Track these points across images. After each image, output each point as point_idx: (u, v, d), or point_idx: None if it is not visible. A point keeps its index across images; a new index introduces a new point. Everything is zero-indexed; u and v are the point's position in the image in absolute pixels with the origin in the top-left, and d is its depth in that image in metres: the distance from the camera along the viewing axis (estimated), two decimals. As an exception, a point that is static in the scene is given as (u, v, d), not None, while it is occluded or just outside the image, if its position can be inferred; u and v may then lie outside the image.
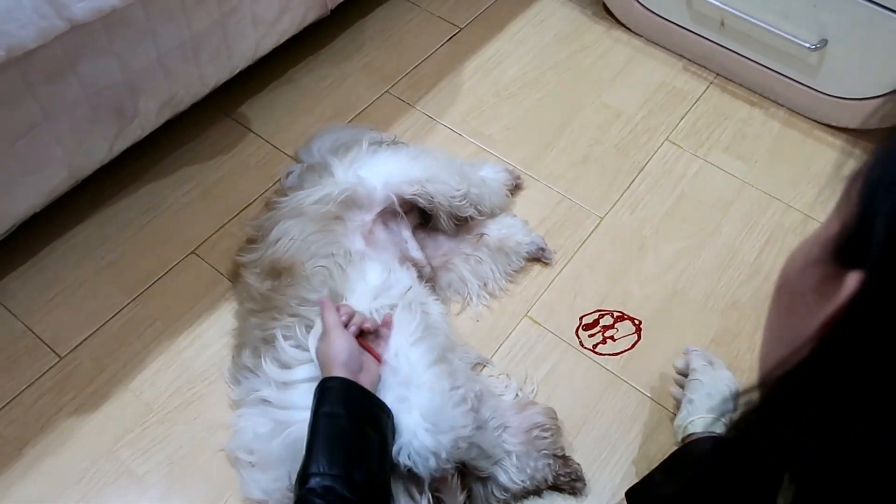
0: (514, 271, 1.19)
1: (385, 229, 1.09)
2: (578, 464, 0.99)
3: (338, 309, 0.90)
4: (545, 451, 0.94)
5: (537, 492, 0.97)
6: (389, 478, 0.81)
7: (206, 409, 1.04)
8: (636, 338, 1.14)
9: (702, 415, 0.93)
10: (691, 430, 0.92)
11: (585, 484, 0.98)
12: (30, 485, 0.97)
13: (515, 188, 1.30)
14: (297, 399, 0.88)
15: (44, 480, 0.97)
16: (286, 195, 1.13)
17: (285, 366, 0.92)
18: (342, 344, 0.85)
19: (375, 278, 0.97)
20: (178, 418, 1.03)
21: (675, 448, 0.94)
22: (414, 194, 1.10)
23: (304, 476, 0.75)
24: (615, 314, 1.16)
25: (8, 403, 1.03)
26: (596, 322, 1.15)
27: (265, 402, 0.92)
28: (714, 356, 1.04)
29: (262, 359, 0.94)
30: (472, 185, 1.15)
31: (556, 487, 0.98)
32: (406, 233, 1.11)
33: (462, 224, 1.18)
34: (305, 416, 0.80)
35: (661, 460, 0.92)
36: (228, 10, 1.15)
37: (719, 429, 0.92)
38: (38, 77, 0.94)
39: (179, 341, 1.10)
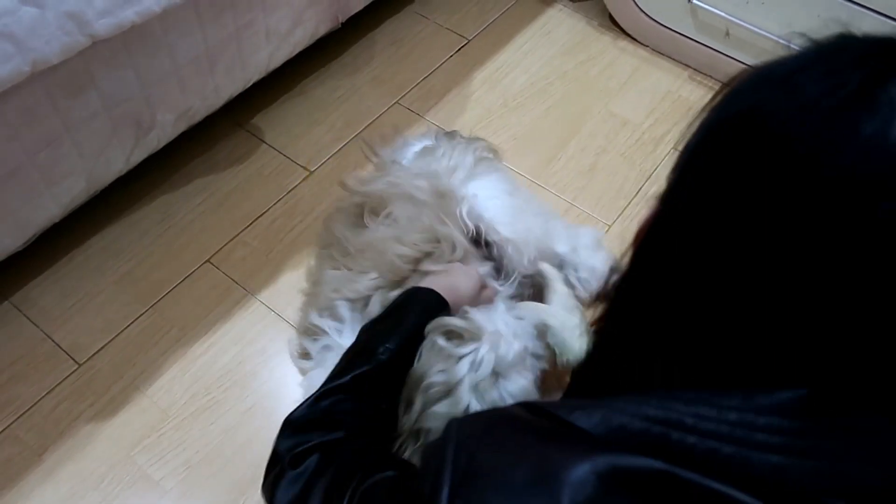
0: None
1: None
2: None
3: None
4: None
5: None
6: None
7: (222, 415, 1.06)
8: (645, 344, 1.15)
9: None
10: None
11: None
12: (49, 489, 0.99)
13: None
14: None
15: (63, 485, 0.99)
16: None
17: None
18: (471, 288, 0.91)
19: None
20: (193, 424, 1.05)
21: None
22: (494, 241, 1.04)
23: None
24: (624, 320, 1.17)
25: (28, 410, 1.05)
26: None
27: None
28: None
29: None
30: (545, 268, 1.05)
31: None
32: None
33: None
34: None
35: None
36: (243, 24, 1.17)
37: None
38: (60, 91, 0.97)
39: (195, 348, 1.12)
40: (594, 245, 1.12)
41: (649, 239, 0.46)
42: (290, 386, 1.06)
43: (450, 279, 0.92)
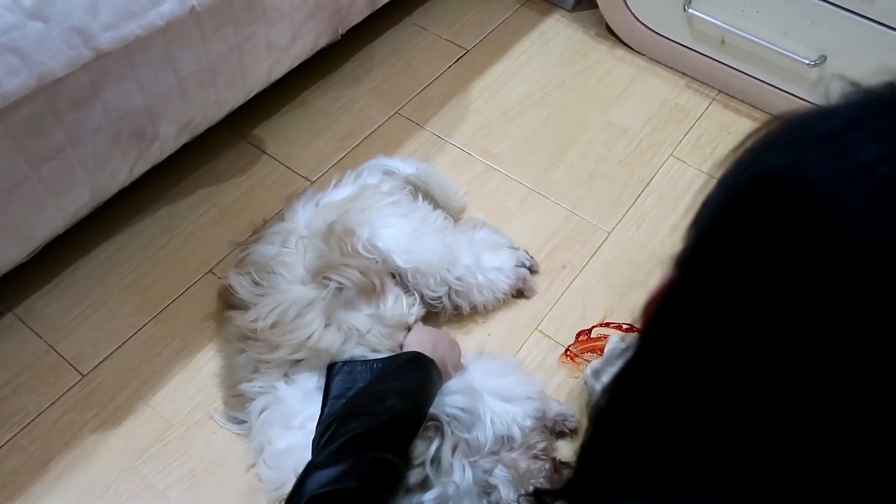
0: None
1: None
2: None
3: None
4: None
5: None
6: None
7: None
8: (645, 349, 1.16)
9: None
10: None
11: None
12: (55, 499, 0.99)
13: (519, 292, 1.21)
14: None
15: (68, 495, 1.00)
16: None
17: None
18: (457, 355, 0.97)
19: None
20: (197, 433, 1.06)
21: None
22: (396, 270, 1.09)
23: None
24: (624, 327, 1.18)
25: (33, 420, 1.06)
26: (605, 335, 1.17)
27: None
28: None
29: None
30: (457, 287, 1.12)
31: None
32: None
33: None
34: None
35: None
36: (244, 36, 1.19)
37: None
38: (65, 104, 0.98)
39: (198, 358, 1.13)
40: (498, 264, 1.16)
41: (664, 315, 0.39)
42: (293, 394, 1.06)
43: (439, 352, 0.95)
